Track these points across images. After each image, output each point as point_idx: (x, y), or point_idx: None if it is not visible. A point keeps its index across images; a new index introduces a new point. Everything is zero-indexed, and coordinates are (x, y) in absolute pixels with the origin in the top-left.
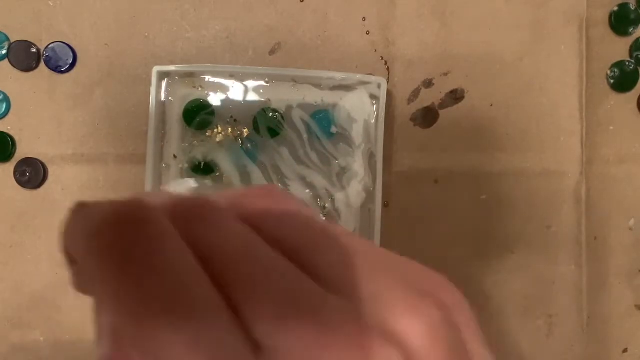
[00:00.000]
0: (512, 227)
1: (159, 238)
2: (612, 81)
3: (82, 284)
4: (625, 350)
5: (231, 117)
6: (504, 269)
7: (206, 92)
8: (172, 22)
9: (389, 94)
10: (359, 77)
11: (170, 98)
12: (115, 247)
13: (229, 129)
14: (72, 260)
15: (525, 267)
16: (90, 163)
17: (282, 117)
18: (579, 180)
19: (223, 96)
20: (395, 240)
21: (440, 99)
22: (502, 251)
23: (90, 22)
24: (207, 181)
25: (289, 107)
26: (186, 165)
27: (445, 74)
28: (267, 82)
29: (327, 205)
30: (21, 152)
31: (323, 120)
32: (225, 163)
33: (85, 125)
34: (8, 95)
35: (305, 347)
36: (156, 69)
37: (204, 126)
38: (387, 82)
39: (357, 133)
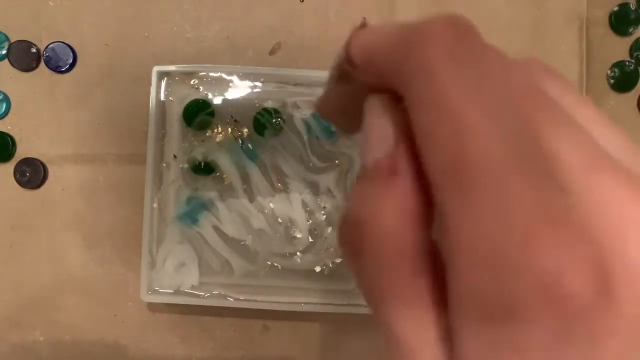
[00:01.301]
0: None
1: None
2: (612, 81)
3: (344, 108)
4: None
5: (231, 117)
6: None
7: (206, 92)
8: (172, 22)
9: None
10: None
11: (170, 98)
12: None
13: (229, 129)
14: (345, 76)
15: None
16: (90, 163)
17: (282, 117)
18: None
19: (223, 96)
20: None
21: None
22: None
23: (90, 22)
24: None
25: (289, 107)
26: (186, 165)
27: None
28: (267, 82)
29: (327, 205)
30: (21, 152)
31: (323, 120)
32: (225, 163)
33: (85, 125)
34: (8, 95)
35: None
36: (156, 69)
37: (204, 126)
38: None
39: (356, 138)
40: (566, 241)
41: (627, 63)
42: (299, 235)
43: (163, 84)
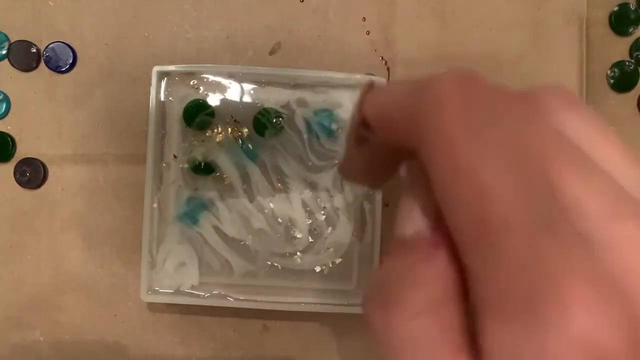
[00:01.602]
0: None
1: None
2: (612, 81)
3: (360, 168)
4: None
5: (231, 117)
6: None
7: (206, 92)
8: (172, 22)
9: None
10: (359, 77)
11: (170, 98)
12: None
13: (229, 129)
14: (361, 137)
15: None
16: (90, 163)
17: (282, 117)
18: None
19: (223, 96)
20: None
21: None
22: None
23: (90, 22)
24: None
25: (289, 107)
26: (186, 165)
27: None
28: (267, 82)
29: (326, 205)
30: (21, 152)
31: (323, 119)
32: (225, 163)
33: (85, 125)
34: (8, 95)
35: None
36: (156, 69)
37: (204, 126)
38: (387, 82)
39: None
40: (598, 299)
41: (627, 63)
42: (299, 235)
43: (163, 84)
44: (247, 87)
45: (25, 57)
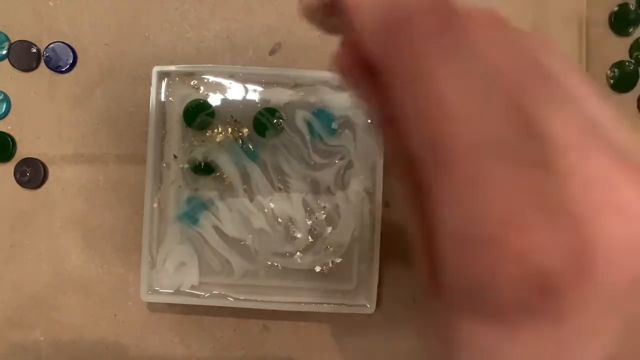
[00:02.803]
0: None
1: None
2: (612, 81)
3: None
4: None
5: (231, 117)
6: None
7: (206, 92)
8: (172, 22)
9: None
10: None
11: (170, 98)
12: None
13: (229, 129)
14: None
15: None
16: (90, 163)
17: (282, 117)
18: None
19: (223, 96)
20: (395, 240)
21: None
22: None
23: (90, 22)
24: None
25: (290, 107)
26: (186, 165)
27: None
28: (267, 82)
29: (327, 205)
30: (21, 152)
31: (323, 118)
32: (225, 163)
33: (85, 125)
34: (8, 95)
35: None
36: (156, 69)
37: (204, 126)
38: None
39: (357, 132)
40: (544, 222)
41: (627, 63)
42: (299, 235)
43: (163, 84)
44: (247, 87)
45: (25, 57)
